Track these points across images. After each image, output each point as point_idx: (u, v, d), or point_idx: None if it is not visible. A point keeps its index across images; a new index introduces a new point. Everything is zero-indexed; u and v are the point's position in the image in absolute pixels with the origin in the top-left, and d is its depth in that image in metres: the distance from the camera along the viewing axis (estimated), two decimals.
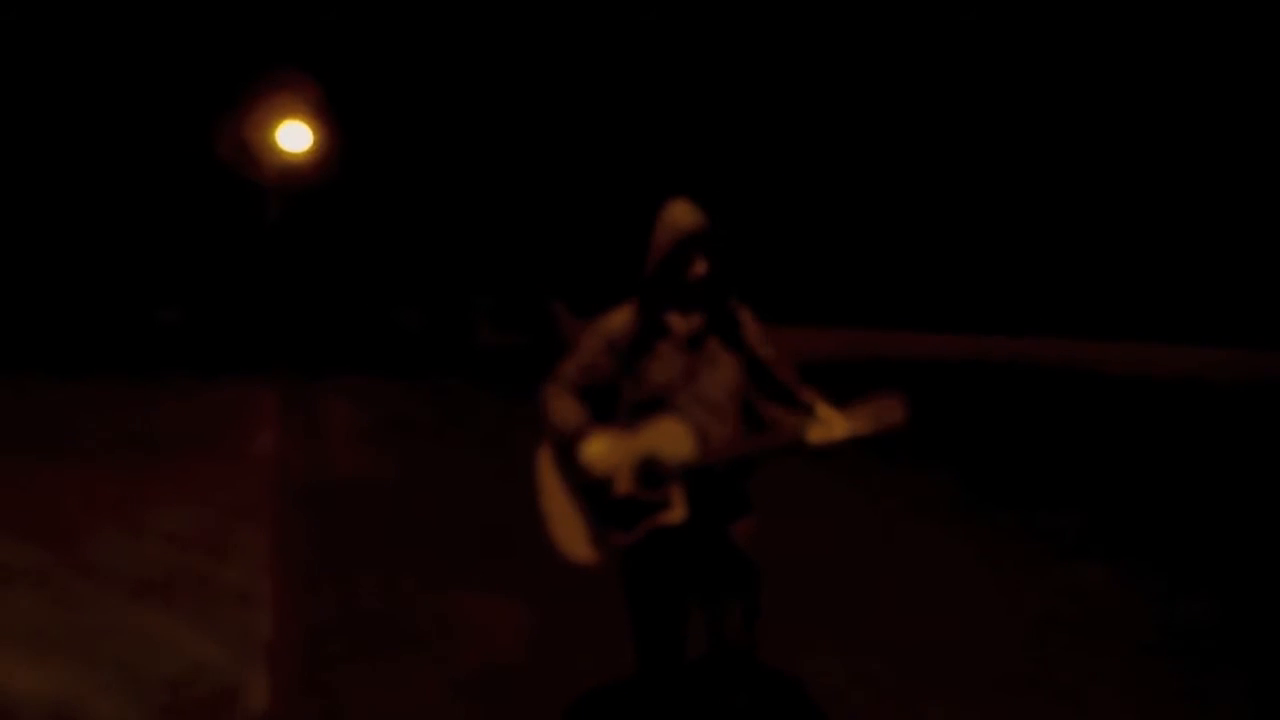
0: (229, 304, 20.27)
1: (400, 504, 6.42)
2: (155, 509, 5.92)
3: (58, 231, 20.06)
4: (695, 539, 2.64)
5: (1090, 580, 5.21)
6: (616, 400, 2.72)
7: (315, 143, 18.53)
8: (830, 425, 2.44)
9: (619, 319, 2.70)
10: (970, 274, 23.70)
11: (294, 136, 18.37)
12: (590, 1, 22.92)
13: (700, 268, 2.57)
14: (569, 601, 4.45)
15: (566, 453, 2.65)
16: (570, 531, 2.65)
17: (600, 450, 2.60)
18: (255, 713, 3.33)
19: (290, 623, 4.15)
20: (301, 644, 3.94)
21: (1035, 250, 23.83)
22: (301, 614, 4.27)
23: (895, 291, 23.26)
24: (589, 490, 2.63)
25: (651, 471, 2.56)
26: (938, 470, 8.14)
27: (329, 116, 18.72)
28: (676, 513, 2.55)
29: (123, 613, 4.19)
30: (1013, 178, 23.98)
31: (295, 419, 9.90)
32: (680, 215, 2.60)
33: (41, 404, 10.18)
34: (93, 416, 9.40)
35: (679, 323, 2.65)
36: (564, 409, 2.67)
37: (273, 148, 18.49)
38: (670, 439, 2.54)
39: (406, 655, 3.86)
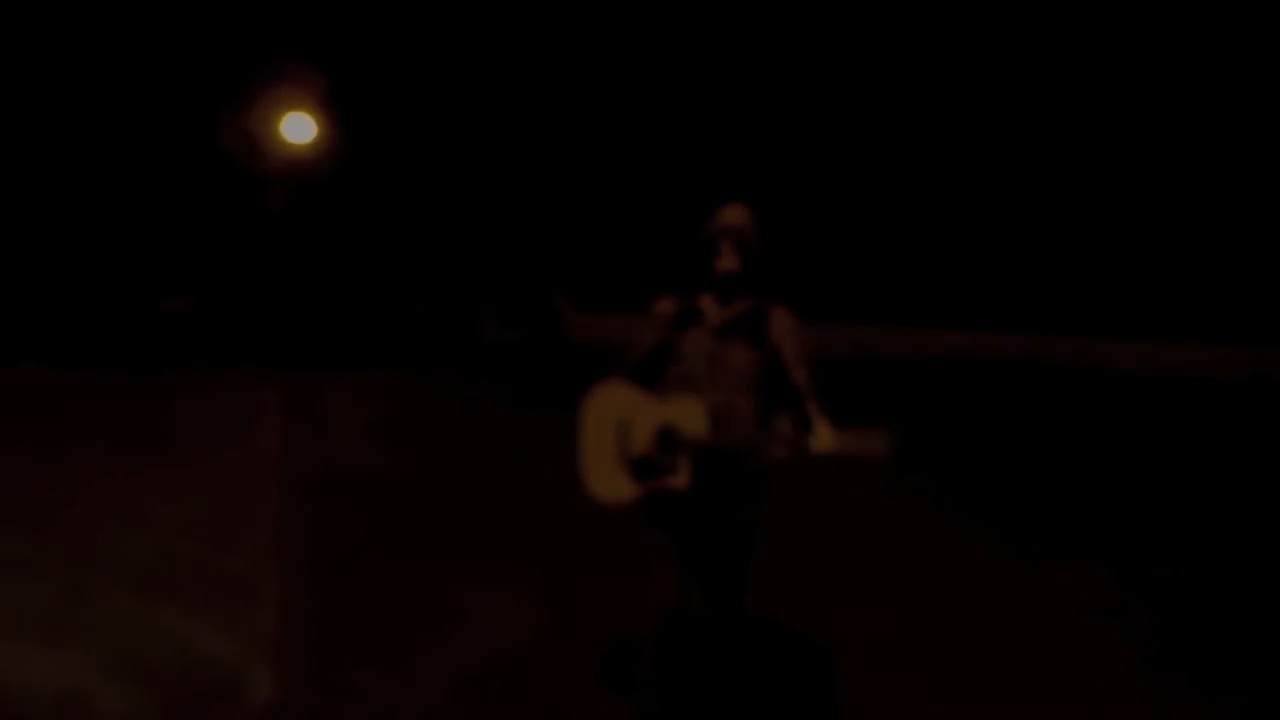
0: (234, 295, 20.28)
1: (404, 497, 6.43)
2: (160, 501, 5.94)
3: (63, 222, 20.07)
4: (693, 510, 2.87)
5: (1091, 578, 5.21)
6: (664, 375, 3.03)
7: (319, 134, 18.52)
8: (821, 440, 2.72)
9: (668, 301, 3.03)
10: (975, 271, 23.65)
11: (298, 128, 18.36)
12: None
13: (728, 261, 2.91)
14: (573, 594, 4.47)
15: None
16: (600, 471, 2.90)
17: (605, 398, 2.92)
18: (259, 704, 3.35)
19: (295, 615, 4.16)
20: (306, 636, 3.96)
21: (1039, 247, 23.76)
22: (306, 606, 4.29)
23: (900, 288, 23.21)
24: (621, 442, 2.90)
25: (668, 439, 2.83)
26: (939, 466, 8.13)
27: (333, 108, 18.70)
28: (680, 479, 2.82)
29: (128, 605, 4.21)
30: (1017, 175, 23.90)
31: (300, 411, 9.92)
32: (722, 211, 2.98)
33: (47, 395, 10.20)
34: (98, 408, 9.42)
35: (712, 311, 2.97)
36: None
37: (277, 139, 18.48)
38: (688, 414, 2.82)
39: (410, 647, 3.87)
